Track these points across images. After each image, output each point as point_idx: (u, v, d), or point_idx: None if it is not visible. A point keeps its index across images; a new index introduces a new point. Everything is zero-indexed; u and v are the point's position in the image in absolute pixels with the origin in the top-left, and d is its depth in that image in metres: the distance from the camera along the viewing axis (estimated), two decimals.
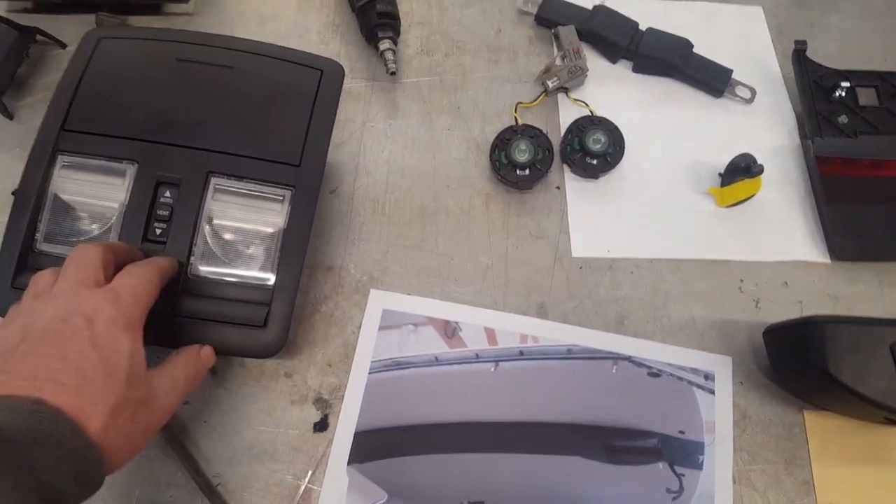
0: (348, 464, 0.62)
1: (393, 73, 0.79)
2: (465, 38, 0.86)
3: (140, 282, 0.51)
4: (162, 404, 0.50)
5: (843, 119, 0.80)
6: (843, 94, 0.80)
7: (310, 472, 0.62)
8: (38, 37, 0.78)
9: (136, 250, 0.58)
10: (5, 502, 0.37)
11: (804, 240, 0.75)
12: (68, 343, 0.45)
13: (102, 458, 0.43)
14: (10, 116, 0.76)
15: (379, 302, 0.69)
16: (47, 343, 0.45)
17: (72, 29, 0.80)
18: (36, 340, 0.45)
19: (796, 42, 0.82)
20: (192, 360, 0.55)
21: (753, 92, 0.82)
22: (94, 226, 0.60)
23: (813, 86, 0.81)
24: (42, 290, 0.50)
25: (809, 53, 0.82)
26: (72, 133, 0.61)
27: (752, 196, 0.75)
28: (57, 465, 0.40)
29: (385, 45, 0.79)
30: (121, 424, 0.45)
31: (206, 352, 0.57)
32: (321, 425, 0.64)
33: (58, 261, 0.59)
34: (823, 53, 0.85)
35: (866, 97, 0.81)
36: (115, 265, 0.53)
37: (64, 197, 0.60)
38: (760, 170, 0.71)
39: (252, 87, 0.64)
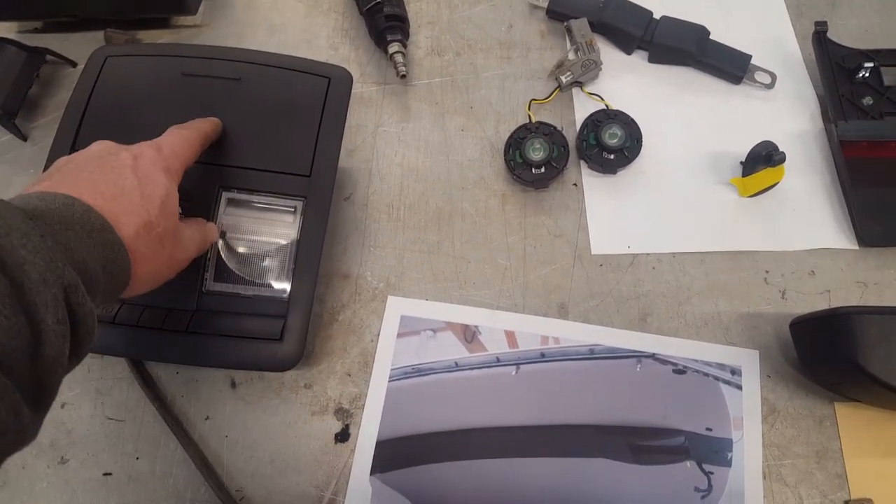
0: (371, 474, 0.62)
1: (403, 77, 0.78)
2: (475, 36, 0.85)
3: (179, 140, 0.55)
4: (185, 246, 0.54)
5: (868, 100, 0.77)
6: (867, 74, 0.78)
7: (332, 484, 0.62)
8: (48, 56, 0.79)
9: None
10: (45, 260, 0.37)
11: (830, 227, 0.73)
12: (111, 168, 0.48)
13: (129, 259, 0.45)
14: (24, 138, 0.77)
15: (396, 308, 0.69)
16: (92, 164, 0.48)
17: (81, 47, 0.80)
18: (82, 163, 0.48)
19: (816, 23, 0.80)
20: (200, 227, 0.57)
21: (773, 77, 0.80)
22: None
23: (835, 67, 0.79)
24: None
25: (831, 33, 0.80)
26: None
27: (776, 185, 0.73)
28: (89, 249, 0.41)
29: (394, 48, 0.78)
30: (150, 238, 0.47)
31: (211, 226, 0.60)
32: (342, 436, 0.63)
33: None
34: (846, 32, 0.83)
35: (892, 77, 0.78)
36: None
37: None
38: (782, 158, 0.69)
39: (259, 99, 0.64)
